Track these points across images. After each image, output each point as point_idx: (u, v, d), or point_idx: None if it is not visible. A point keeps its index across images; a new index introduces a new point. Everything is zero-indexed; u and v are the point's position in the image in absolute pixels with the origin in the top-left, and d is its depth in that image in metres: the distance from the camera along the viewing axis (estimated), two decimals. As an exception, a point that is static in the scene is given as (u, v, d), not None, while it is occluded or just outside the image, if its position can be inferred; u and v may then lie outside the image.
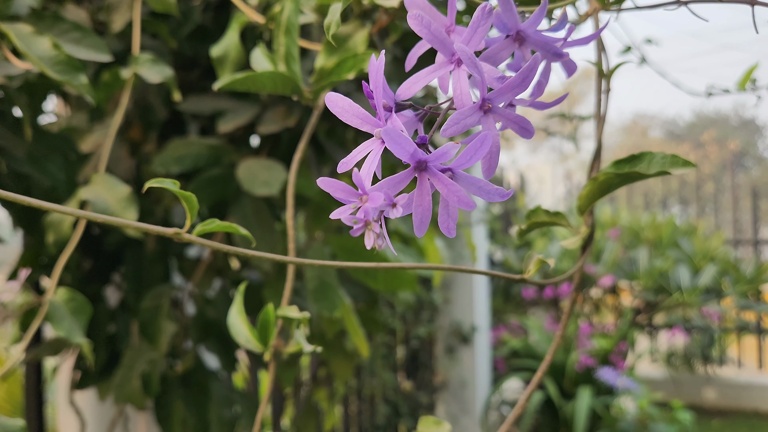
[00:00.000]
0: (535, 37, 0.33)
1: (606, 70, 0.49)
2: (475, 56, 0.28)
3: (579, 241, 0.45)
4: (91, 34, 0.76)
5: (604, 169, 0.45)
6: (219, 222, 0.39)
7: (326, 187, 0.24)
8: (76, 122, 1.12)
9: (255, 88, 0.57)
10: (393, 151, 0.24)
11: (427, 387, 3.00)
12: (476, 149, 0.25)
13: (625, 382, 2.50)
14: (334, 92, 0.28)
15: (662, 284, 3.45)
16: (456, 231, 0.28)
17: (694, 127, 11.13)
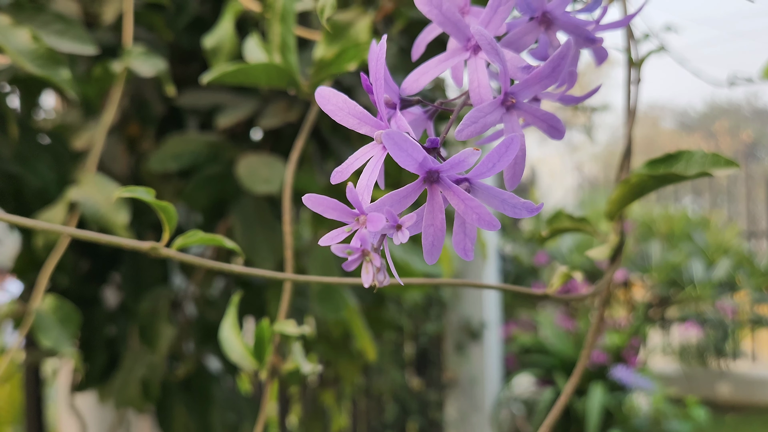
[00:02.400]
0: (565, 20, 0.28)
1: (635, 59, 0.44)
2: (496, 42, 0.23)
3: (608, 251, 0.40)
4: (75, 25, 0.71)
5: (636, 170, 0.40)
6: (201, 234, 0.35)
7: (314, 206, 0.19)
8: (69, 119, 1.07)
9: (248, 81, 0.53)
10: (397, 159, 0.19)
11: (436, 384, 2.96)
12: (501, 155, 0.21)
13: (639, 380, 2.44)
14: (326, 87, 0.23)
15: (675, 278, 3.39)
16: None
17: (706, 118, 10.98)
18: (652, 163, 0.40)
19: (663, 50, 0.45)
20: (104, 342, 1.05)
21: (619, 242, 0.41)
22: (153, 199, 0.32)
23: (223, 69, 0.51)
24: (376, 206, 0.20)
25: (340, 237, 0.20)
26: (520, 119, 0.25)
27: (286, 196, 0.59)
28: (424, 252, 0.21)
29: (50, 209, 0.88)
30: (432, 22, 0.28)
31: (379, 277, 0.19)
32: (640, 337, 3.18)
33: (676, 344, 3.88)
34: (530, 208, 0.22)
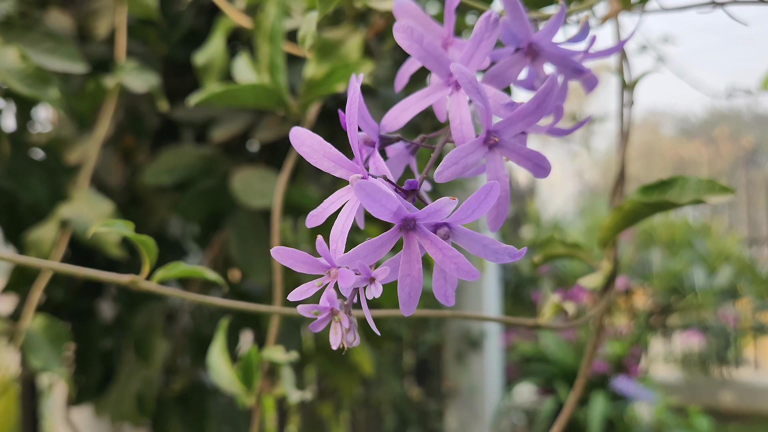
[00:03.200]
0: (551, 51, 0.27)
1: (628, 81, 0.43)
2: (477, 79, 0.22)
3: (601, 279, 0.39)
4: (65, 43, 0.70)
5: (630, 196, 0.39)
6: (183, 267, 0.34)
7: (282, 259, 0.18)
8: (63, 133, 1.07)
9: (235, 103, 0.52)
10: (370, 210, 0.18)
11: (436, 394, 2.94)
12: (480, 202, 0.20)
13: (640, 391, 2.43)
14: (301, 128, 0.22)
15: (676, 286, 3.38)
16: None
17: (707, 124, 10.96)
18: (645, 190, 0.39)
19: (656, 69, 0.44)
20: (99, 355, 1.04)
21: (613, 270, 0.40)
22: (132, 233, 0.32)
23: (210, 90, 0.50)
24: (350, 257, 0.19)
25: (310, 292, 0.19)
26: (506, 158, 0.24)
27: (275, 214, 0.58)
28: (401, 304, 0.20)
29: (42, 226, 0.87)
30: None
31: (349, 337, 0.18)
32: (641, 346, 3.16)
33: (678, 352, 3.86)
34: (512, 254, 0.21)
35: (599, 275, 0.39)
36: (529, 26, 0.26)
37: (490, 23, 0.24)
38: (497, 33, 0.24)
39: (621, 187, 0.41)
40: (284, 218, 1.00)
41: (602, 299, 0.39)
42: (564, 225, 3.83)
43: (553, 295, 0.38)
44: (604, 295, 0.39)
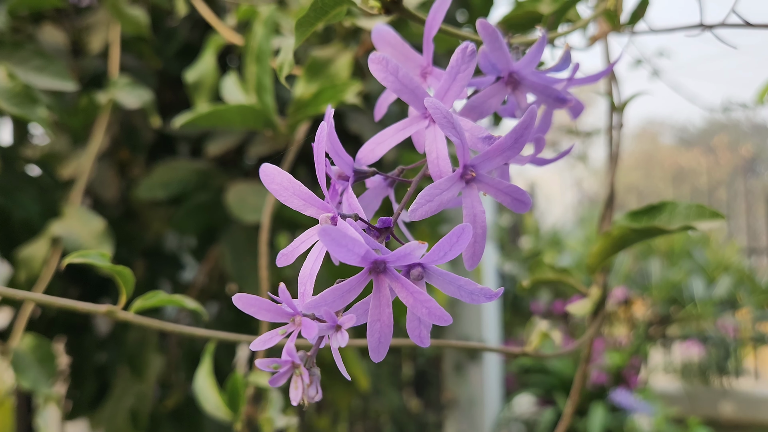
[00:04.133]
0: (533, 80, 0.26)
1: (618, 103, 0.42)
2: (452, 114, 0.21)
3: (590, 306, 0.38)
4: (54, 61, 0.70)
5: (618, 222, 0.38)
6: (162, 296, 0.33)
7: (245, 307, 0.18)
8: (58, 147, 1.07)
9: (221, 124, 0.51)
10: (336, 255, 0.18)
11: (435, 405, 2.92)
12: (452, 245, 0.19)
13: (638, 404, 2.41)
14: (270, 165, 0.21)
15: (676, 296, 3.36)
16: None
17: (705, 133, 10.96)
18: (634, 215, 0.38)
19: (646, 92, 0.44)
20: (94, 370, 1.03)
21: (602, 296, 0.39)
22: (107, 263, 0.31)
23: (195, 113, 0.50)
24: (316, 303, 0.18)
25: (273, 341, 0.18)
26: (484, 193, 0.23)
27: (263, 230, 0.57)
28: (370, 350, 0.19)
29: (33, 243, 0.86)
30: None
31: (310, 392, 0.17)
32: (641, 356, 3.15)
33: (677, 363, 3.84)
34: (488, 294, 0.21)
35: (588, 302, 0.38)
36: (508, 55, 0.25)
37: (466, 55, 0.23)
38: (474, 65, 0.23)
39: (610, 212, 0.41)
40: (280, 232, 1.00)
41: (591, 326, 0.38)
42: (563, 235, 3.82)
43: (540, 322, 0.37)
44: (593, 322, 0.38)
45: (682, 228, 0.37)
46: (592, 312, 0.39)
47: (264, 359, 0.18)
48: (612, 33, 0.44)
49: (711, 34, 0.38)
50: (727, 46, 0.39)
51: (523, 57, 0.26)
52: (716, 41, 0.39)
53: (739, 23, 0.34)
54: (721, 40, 0.38)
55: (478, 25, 0.24)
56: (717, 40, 0.38)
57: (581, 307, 0.38)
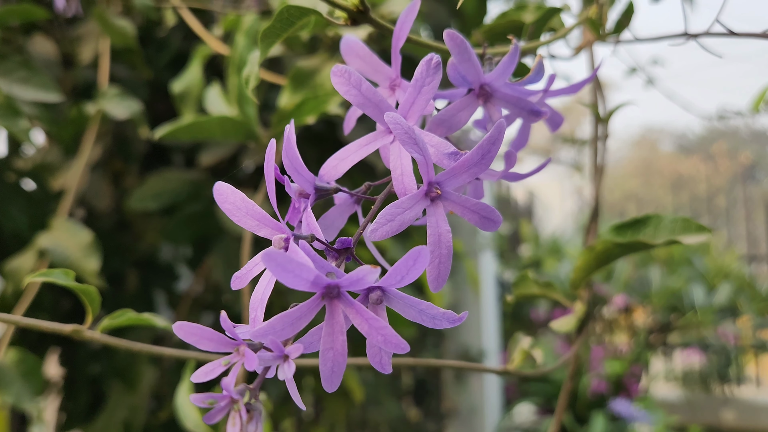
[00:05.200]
0: (505, 92, 0.25)
1: (603, 113, 0.41)
2: (414, 129, 0.20)
3: (574, 322, 0.37)
4: (39, 72, 0.69)
5: (602, 236, 0.37)
6: (130, 314, 0.32)
7: (186, 336, 0.17)
8: (50, 158, 1.06)
9: (202, 136, 0.50)
10: (283, 281, 0.17)
11: (434, 415, 2.90)
12: (409, 269, 0.18)
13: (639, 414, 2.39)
14: (224, 183, 0.20)
15: (676, 303, 3.35)
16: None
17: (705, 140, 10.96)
18: (618, 228, 0.37)
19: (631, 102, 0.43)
20: (88, 381, 1.02)
21: (587, 312, 0.38)
22: (72, 282, 0.30)
23: (175, 125, 0.49)
24: (264, 331, 0.17)
25: (216, 372, 0.17)
26: (450, 211, 0.22)
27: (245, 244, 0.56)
28: (323, 379, 0.18)
29: (20, 256, 0.85)
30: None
31: (249, 429, 0.16)
32: (641, 364, 3.13)
33: (679, 370, 3.81)
34: (451, 319, 0.20)
35: (572, 318, 0.37)
36: (478, 67, 0.24)
37: (431, 67, 0.22)
38: (439, 78, 0.23)
39: (595, 225, 0.40)
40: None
41: (576, 343, 0.37)
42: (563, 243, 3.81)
43: (523, 339, 0.36)
44: (578, 339, 0.37)
45: (667, 242, 0.36)
46: (577, 327, 0.38)
47: (198, 395, 0.17)
48: (597, 42, 0.43)
49: (709, 40, 0.38)
50: (726, 53, 0.38)
51: (494, 68, 0.25)
52: (715, 49, 0.38)
53: (723, 32, 0.34)
54: (706, 50, 0.37)
55: (445, 36, 0.23)
56: (712, 48, 0.37)
57: (565, 324, 0.37)
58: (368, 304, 0.20)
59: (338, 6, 0.26)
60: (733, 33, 0.33)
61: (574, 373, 0.38)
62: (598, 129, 0.41)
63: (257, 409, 0.17)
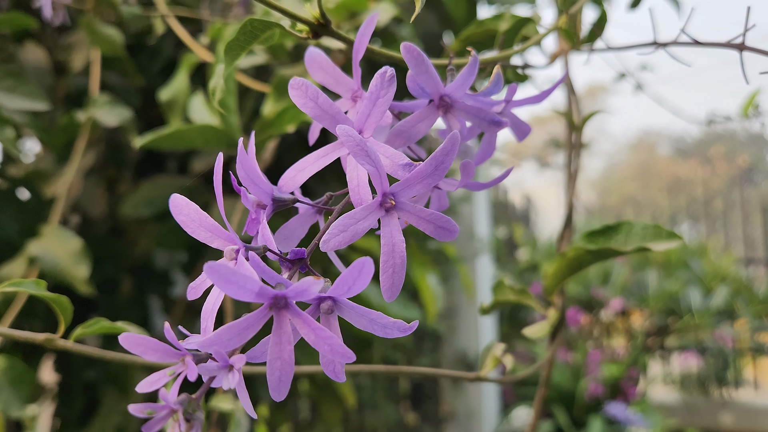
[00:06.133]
0: (464, 103, 0.26)
1: (578, 121, 0.42)
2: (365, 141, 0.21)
3: (548, 328, 0.37)
4: (25, 81, 0.70)
5: (575, 243, 0.37)
6: (103, 323, 0.32)
7: (131, 347, 0.17)
8: (43, 165, 1.06)
9: (183, 145, 0.51)
10: (228, 293, 0.17)
11: (432, 419, 2.90)
12: (355, 278, 0.18)
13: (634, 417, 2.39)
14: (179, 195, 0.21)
15: (673, 307, 3.35)
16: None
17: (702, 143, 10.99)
18: (590, 236, 0.37)
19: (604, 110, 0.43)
20: (82, 387, 1.03)
21: (560, 318, 0.38)
22: (43, 291, 0.30)
23: (156, 134, 0.49)
24: (210, 341, 0.17)
25: (161, 382, 0.17)
26: (406, 221, 0.23)
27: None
28: (270, 389, 0.19)
29: (11, 263, 0.86)
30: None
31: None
32: (639, 368, 3.13)
33: (676, 374, 3.81)
34: (402, 328, 0.20)
35: (545, 324, 0.38)
36: (436, 79, 0.25)
37: (385, 80, 0.23)
38: (393, 90, 0.23)
39: (569, 232, 0.40)
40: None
41: (550, 349, 0.37)
42: (560, 246, 3.81)
43: (497, 346, 0.36)
44: (551, 345, 0.38)
45: (637, 249, 0.36)
46: (550, 334, 0.38)
47: (136, 405, 0.17)
48: (572, 51, 0.43)
49: (708, 45, 0.38)
50: (720, 57, 0.38)
51: (454, 79, 0.26)
52: (710, 53, 0.38)
53: (689, 42, 0.34)
54: (674, 58, 0.37)
55: (402, 49, 0.24)
56: (710, 52, 0.38)
57: (538, 330, 0.37)
58: (320, 314, 0.20)
59: (300, 20, 0.27)
60: (698, 42, 0.33)
61: (547, 380, 0.38)
62: (573, 136, 0.42)
63: (198, 418, 0.17)
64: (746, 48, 0.32)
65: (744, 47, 0.32)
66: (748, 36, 0.34)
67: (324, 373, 0.77)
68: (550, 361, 0.38)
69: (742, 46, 0.32)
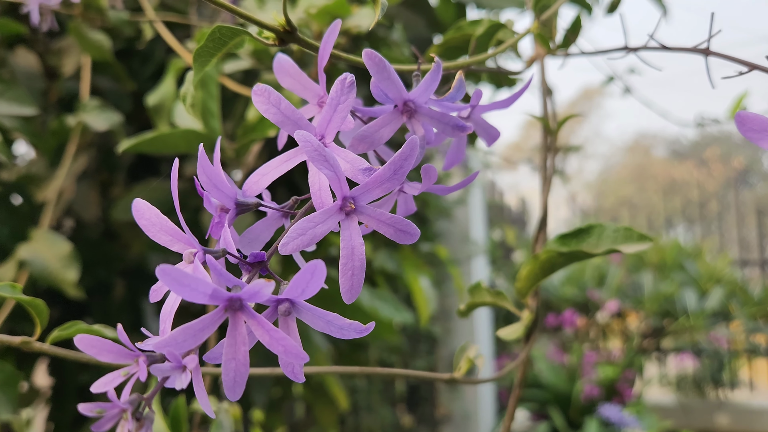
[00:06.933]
0: (428, 108, 0.26)
1: (553, 125, 0.42)
2: (322, 146, 0.21)
3: (521, 330, 0.38)
4: (13, 86, 0.70)
5: (547, 245, 0.38)
6: (80, 325, 0.33)
7: (86, 348, 0.17)
8: (34, 169, 1.07)
9: (166, 149, 0.51)
10: (180, 295, 0.17)
11: (428, 421, 2.90)
12: (308, 281, 0.19)
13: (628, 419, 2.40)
14: (141, 200, 0.21)
15: (668, 308, 3.35)
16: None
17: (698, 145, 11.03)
18: (562, 238, 0.38)
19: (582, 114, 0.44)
20: (76, 391, 1.03)
21: (534, 320, 0.39)
22: (19, 295, 0.31)
23: (138, 139, 0.50)
24: (165, 342, 0.18)
25: (115, 383, 0.18)
26: (365, 225, 0.23)
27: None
28: (225, 389, 0.19)
29: (0, 267, 0.86)
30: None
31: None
32: (635, 369, 3.13)
33: (672, 375, 3.82)
34: (358, 329, 0.21)
35: (519, 326, 0.38)
36: (399, 84, 0.25)
37: (345, 86, 0.23)
38: (353, 96, 0.23)
39: (543, 234, 0.41)
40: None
41: (524, 351, 0.38)
42: (555, 248, 3.81)
43: (471, 348, 0.37)
44: (526, 347, 0.38)
45: (608, 251, 0.36)
46: (524, 335, 0.39)
47: (86, 404, 0.17)
48: (547, 56, 0.44)
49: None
50: (715, 61, 0.39)
51: (417, 85, 0.26)
52: (696, 56, 0.39)
53: (657, 47, 0.34)
54: (645, 63, 0.38)
55: (364, 56, 0.24)
56: (697, 56, 0.38)
57: (512, 332, 0.38)
58: (279, 316, 0.21)
59: (265, 27, 0.27)
60: (666, 48, 0.34)
61: (521, 381, 0.39)
62: (548, 140, 0.42)
63: (149, 417, 0.18)
64: (711, 53, 0.33)
65: (709, 52, 0.33)
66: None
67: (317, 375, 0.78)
68: (524, 362, 0.38)
69: (707, 51, 0.33)
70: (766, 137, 0.25)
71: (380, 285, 1.31)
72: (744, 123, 0.25)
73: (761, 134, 0.24)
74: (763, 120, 0.25)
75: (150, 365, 0.18)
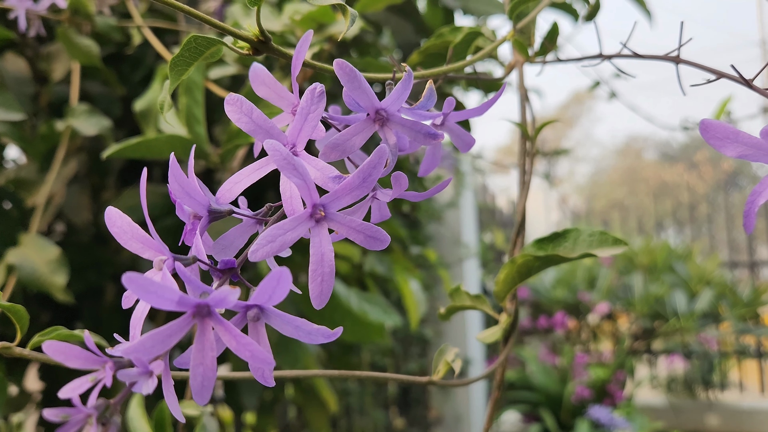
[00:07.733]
0: (400, 116, 0.27)
1: (532, 131, 0.43)
2: (291, 155, 0.22)
3: (500, 333, 0.38)
4: (2, 91, 0.70)
5: (524, 249, 0.38)
6: (61, 330, 0.33)
7: (54, 354, 0.18)
8: (24, 173, 1.06)
9: (150, 155, 0.51)
10: (147, 302, 0.18)
11: (420, 423, 2.90)
12: (274, 287, 0.19)
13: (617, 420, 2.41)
14: (113, 208, 0.22)
15: (659, 310, 3.37)
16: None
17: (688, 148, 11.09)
18: (538, 242, 0.39)
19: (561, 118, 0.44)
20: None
21: (512, 323, 0.39)
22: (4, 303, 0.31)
23: (123, 144, 0.50)
24: (133, 348, 0.18)
25: (83, 388, 0.18)
26: (335, 231, 0.24)
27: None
28: (193, 393, 0.20)
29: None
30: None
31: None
32: (625, 371, 3.15)
33: (663, 376, 3.84)
34: (326, 334, 0.21)
35: (498, 329, 0.39)
36: (370, 93, 0.26)
37: (315, 96, 0.24)
38: (323, 105, 0.24)
39: (521, 238, 0.41)
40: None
41: (502, 353, 0.38)
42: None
43: (450, 350, 0.37)
44: (504, 349, 0.39)
45: (583, 255, 0.37)
46: (503, 338, 0.39)
47: (51, 409, 0.18)
48: (526, 63, 0.44)
49: (694, 51, 0.39)
50: (709, 63, 0.39)
51: (389, 94, 0.27)
52: (694, 57, 0.39)
53: (630, 54, 0.35)
54: (620, 71, 0.38)
55: (334, 65, 0.25)
56: (695, 57, 0.39)
57: (491, 335, 0.38)
58: (248, 322, 0.21)
59: (240, 37, 0.28)
60: (638, 55, 0.35)
61: (500, 383, 0.39)
62: (526, 145, 0.43)
63: (114, 423, 0.18)
64: (681, 61, 0.34)
65: (680, 60, 0.34)
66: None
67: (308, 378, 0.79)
68: (502, 365, 0.39)
69: (677, 59, 0.34)
70: (728, 144, 0.25)
71: (370, 288, 1.32)
72: (707, 130, 0.26)
73: (723, 141, 0.25)
74: (725, 127, 0.25)
75: (118, 371, 0.18)
